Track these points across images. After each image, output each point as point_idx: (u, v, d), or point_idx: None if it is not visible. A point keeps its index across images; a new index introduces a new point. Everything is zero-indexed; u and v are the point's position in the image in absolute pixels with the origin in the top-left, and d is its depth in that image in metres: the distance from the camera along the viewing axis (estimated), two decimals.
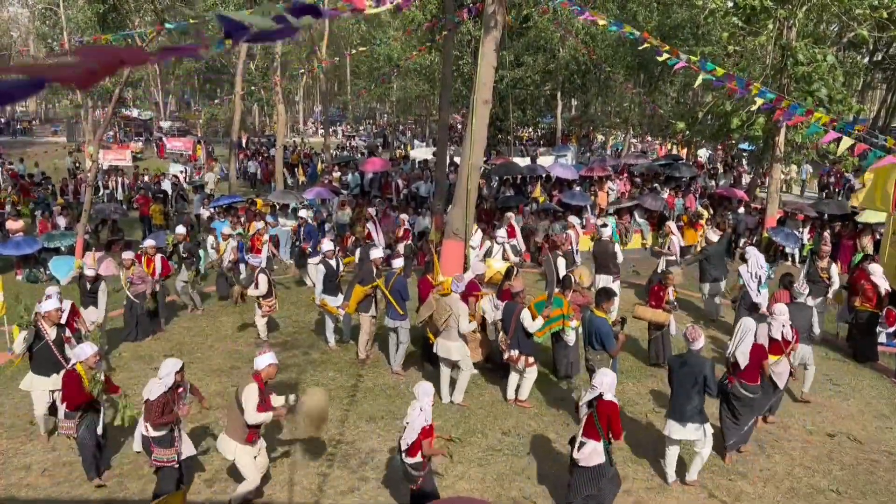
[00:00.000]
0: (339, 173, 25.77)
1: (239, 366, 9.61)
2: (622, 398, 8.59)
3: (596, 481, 5.74)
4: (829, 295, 10.67)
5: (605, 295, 7.94)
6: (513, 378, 8.42)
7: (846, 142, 9.28)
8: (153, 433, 6.00)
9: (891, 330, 10.68)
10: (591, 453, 5.67)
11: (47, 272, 14.31)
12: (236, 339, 10.77)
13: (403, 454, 5.73)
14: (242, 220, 15.49)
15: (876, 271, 9.88)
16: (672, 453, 6.65)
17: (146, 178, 25.06)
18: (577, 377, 8.93)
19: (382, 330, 9.83)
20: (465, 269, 11.31)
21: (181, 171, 27.63)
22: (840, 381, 9.32)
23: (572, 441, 5.93)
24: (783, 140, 15.16)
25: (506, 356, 8.28)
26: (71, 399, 6.40)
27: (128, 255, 10.76)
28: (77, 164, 28.31)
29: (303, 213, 14.65)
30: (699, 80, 10.70)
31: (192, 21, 16.58)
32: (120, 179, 24.36)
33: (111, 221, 17.72)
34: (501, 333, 8.40)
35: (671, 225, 13.44)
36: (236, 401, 6.01)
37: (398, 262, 9.59)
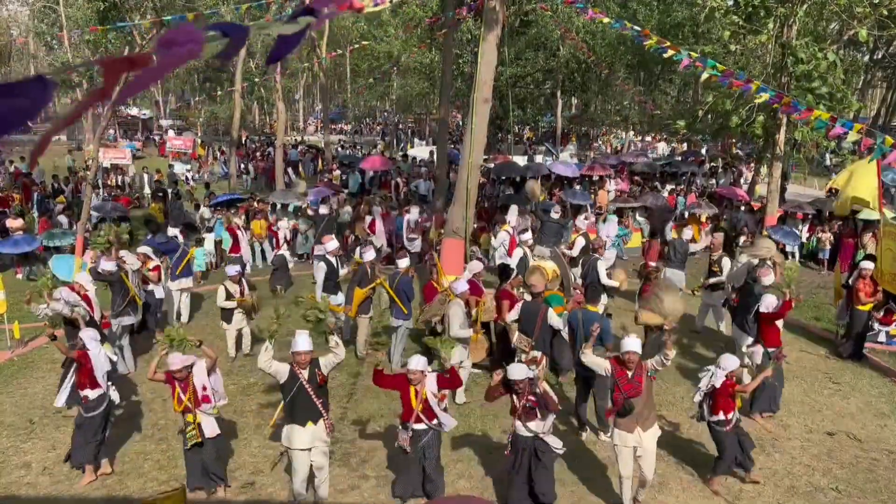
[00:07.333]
0: (338, 171, 25.72)
1: (244, 363, 9.60)
2: None
3: None
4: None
5: (596, 292, 7.92)
6: None
7: (853, 135, 9.29)
8: None
9: (889, 329, 10.68)
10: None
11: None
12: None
13: (708, 413, 6.42)
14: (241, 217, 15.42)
15: (868, 267, 9.92)
16: None
17: (145, 178, 25.04)
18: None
19: (385, 328, 9.81)
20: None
21: (188, 170, 27.88)
22: (840, 380, 9.33)
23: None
24: (783, 138, 15.15)
25: (525, 357, 7.88)
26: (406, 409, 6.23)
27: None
28: (86, 166, 28.22)
29: (171, 231, 12.31)
30: (705, 76, 10.71)
31: (189, 15, 16.52)
32: (121, 178, 24.35)
33: (111, 220, 17.68)
34: (518, 335, 8.05)
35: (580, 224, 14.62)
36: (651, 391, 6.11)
37: (403, 262, 9.55)
